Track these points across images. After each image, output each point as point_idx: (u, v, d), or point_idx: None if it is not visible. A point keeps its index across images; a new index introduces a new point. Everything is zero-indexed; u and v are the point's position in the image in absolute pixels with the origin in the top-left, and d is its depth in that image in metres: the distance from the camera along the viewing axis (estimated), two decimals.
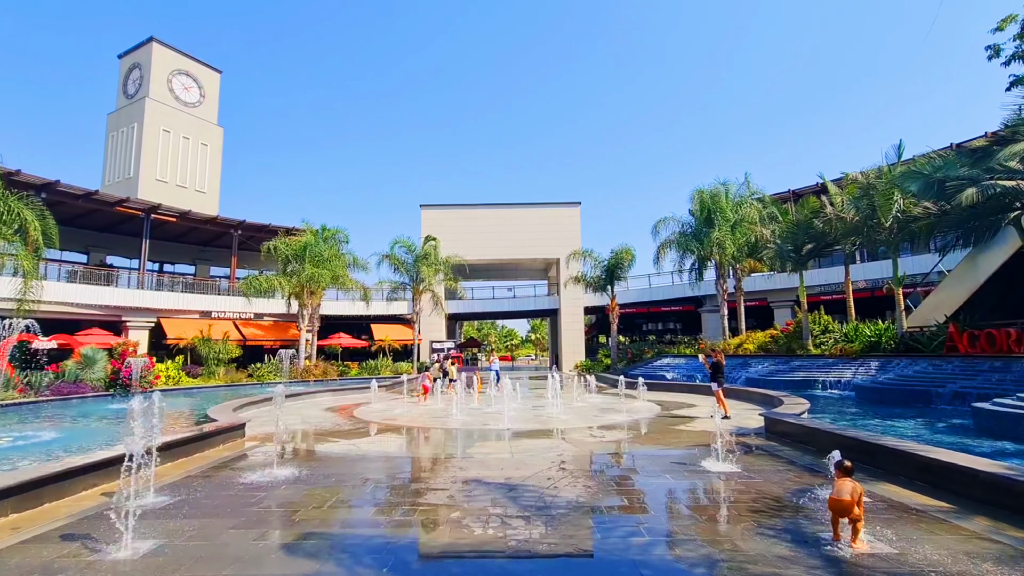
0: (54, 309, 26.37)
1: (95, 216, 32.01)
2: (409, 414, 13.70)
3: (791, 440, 8.69)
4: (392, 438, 10.19)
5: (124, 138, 43.95)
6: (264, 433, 10.55)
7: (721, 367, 11.99)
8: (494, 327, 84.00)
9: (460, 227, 39.93)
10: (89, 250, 34.77)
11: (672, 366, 25.07)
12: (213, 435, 8.98)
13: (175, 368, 22.59)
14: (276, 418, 12.71)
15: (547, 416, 12.94)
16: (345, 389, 20.11)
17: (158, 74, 44.11)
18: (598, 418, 12.43)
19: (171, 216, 32.18)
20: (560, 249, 39.63)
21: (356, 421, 12.45)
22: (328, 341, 35.54)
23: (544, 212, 41.09)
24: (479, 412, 13.92)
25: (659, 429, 10.52)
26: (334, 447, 9.02)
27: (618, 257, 28.94)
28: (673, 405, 14.97)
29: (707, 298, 36.48)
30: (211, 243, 38.64)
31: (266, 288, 26.41)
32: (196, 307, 32.08)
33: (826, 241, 21.85)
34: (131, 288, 30.09)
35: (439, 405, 15.67)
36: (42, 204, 26.39)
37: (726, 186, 26.37)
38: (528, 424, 11.59)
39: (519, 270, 48.52)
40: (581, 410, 14.16)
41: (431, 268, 31.46)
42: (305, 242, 27.97)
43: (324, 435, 10.39)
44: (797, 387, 18.19)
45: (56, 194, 27.26)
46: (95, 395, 17.33)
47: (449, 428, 11.12)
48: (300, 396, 17.54)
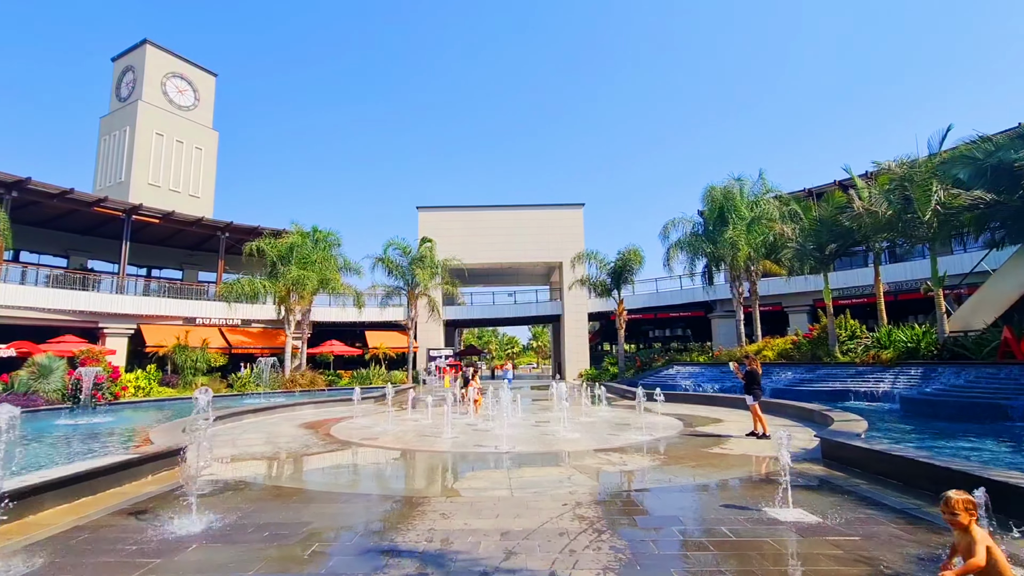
0: (24, 315, 24.72)
1: (74, 218, 30.43)
2: (393, 432, 11.91)
3: (861, 470, 6.91)
4: (366, 466, 8.42)
5: (116, 142, 42.74)
6: (214, 458, 8.78)
7: (757, 377, 10.22)
8: (495, 335, 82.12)
9: (459, 230, 38.27)
10: (69, 254, 33.16)
11: (685, 375, 23.26)
12: (139, 464, 7.24)
13: (145, 378, 20.82)
14: (234, 439, 11.01)
15: (553, 435, 11.15)
16: (330, 401, 18.34)
17: (152, 77, 43.05)
18: (613, 437, 10.63)
19: (153, 217, 30.56)
20: (563, 252, 37.95)
21: (330, 441, 10.66)
22: (320, 349, 33.78)
23: (546, 214, 39.44)
24: (474, 430, 12.13)
25: (691, 453, 8.72)
26: (288, 480, 7.25)
27: (625, 259, 27.21)
28: (696, 420, 13.16)
29: (718, 303, 34.71)
30: (199, 247, 37.02)
31: (248, 292, 24.68)
32: (179, 313, 30.36)
33: (853, 239, 20.14)
34: (109, 293, 28.40)
35: (428, 420, 13.88)
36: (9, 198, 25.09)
37: (741, 182, 24.70)
38: (531, 445, 9.80)
39: (520, 275, 46.81)
40: (591, 427, 12.36)
41: (426, 271, 29.75)
42: (292, 243, 26.30)
43: (283, 462, 8.61)
44: (829, 398, 16.40)
45: (29, 193, 25.69)
46: (49, 408, 15.56)
47: (436, 451, 9.34)
48: (276, 409, 15.75)
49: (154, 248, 36.44)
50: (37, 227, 31.32)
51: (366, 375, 28.92)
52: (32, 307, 25.00)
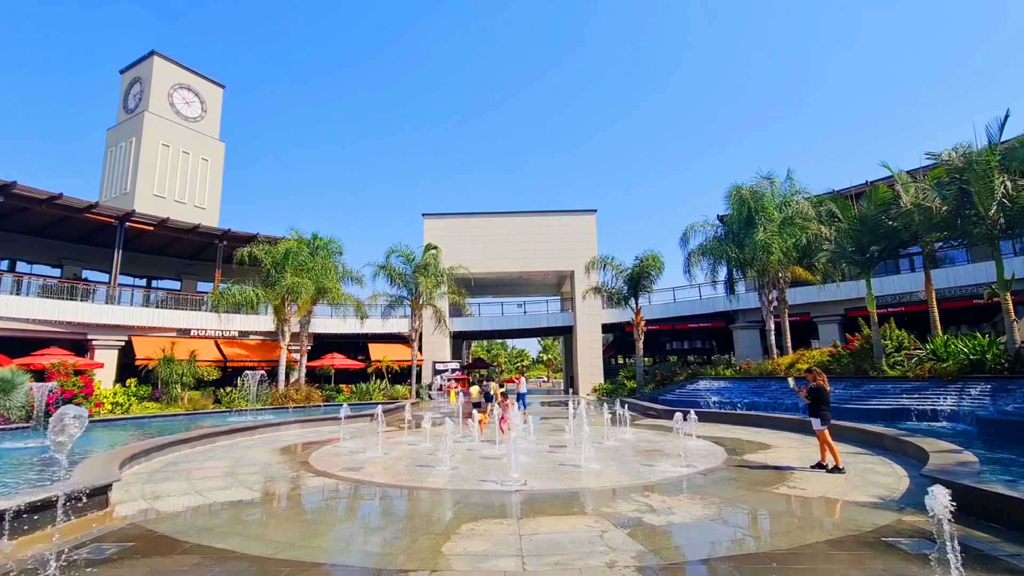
0: (6, 325, 23.38)
1: (67, 225, 29.27)
2: (383, 460, 10.11)
3: (1003, 527, 5.00)
4: (334, 512, 6.62)
5: (122, 153, 42.19)
6: (151, 496, 7.08)
7: (826, 395, 8.32)
8: (504, 347, 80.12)
9: (466, 237, 36.71)
10: (62, 263, 32.00)
11: (712, 390, 21.23)
12: (37, 510, 5.51)
13: (124, 394, 19.22)
14: (192, 468, 9.27)
15: (572, 465, 9.29)
16: (321, 420, 16.60)
17: (158, 88, 42.63)
18: (647, 469, 8.75)
19: (148, 224, 29.33)
20: (574, 261, 36.17)
21: (303, 472, 8.88)
22: (321, 362, 32.14)
23: (557, 220, 37.77)
24: (478, 457, 10.30)
25: (752, 495, 6.83)
26: (221, 536, 5.45)
27: (644, 265, 25.35)
28: (738, 445, 11.22)
29: (740, 313, 32.68)
30: (197, 256, 35.78)
31: (240, 300, 23.12)
32: (172, 324, 28.93)
33: (900, 239, 18.16)
34: (98, 303, 27.05)
35: (426, 443, 12.06)
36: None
37: (771, 180, 22.83)
38: (548, 480, 7.96)
39: (530, 285, 45.08)
40: (617, 454, 10.48)
41: (431, 279, 28.10)
42: (287, 248, 24.78)
43: (232, 504, 6.84)
44: (884, 417, 14.42)
45: (16, 198, 24.52)
46: (7, 428, 13.95)
47: (429, 489, 7.52)
48: (258, 430, 14.02)
49: (152, 258, 35.28)
50: (29, 235, 30.26)
51: (366, 390, 27.17)
52: (14, 317, 23.68)
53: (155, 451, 10.24)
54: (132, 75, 44.53)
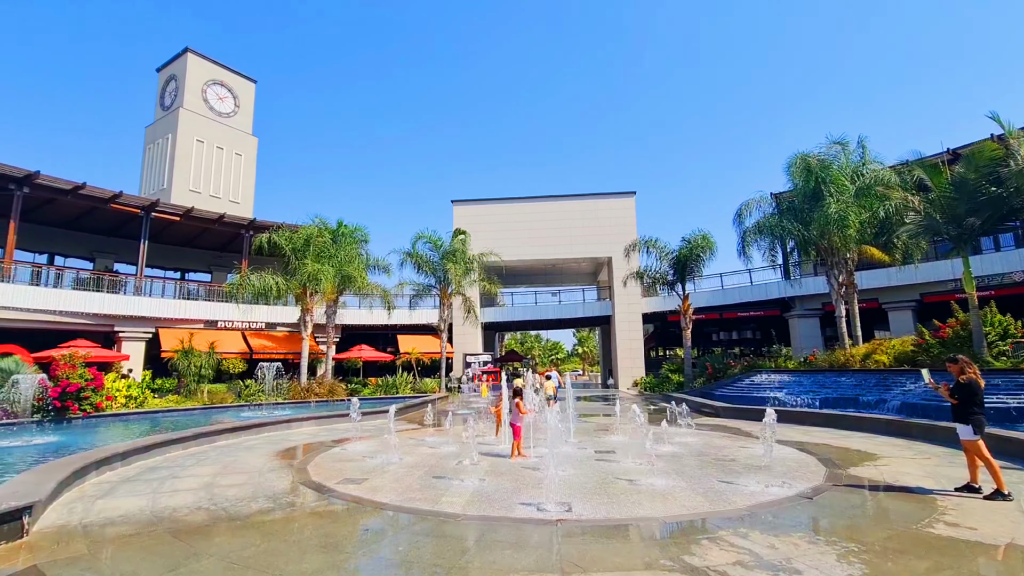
0: (34, 317, 23.07)
1: (96, 217, 29.04)
2: (395, 468, 8.43)
3: None
4: (312, 551, 4.88)
5: (159, 150, 42.48)
6: (93, 520, 5.56)
7: (979, 394, 6.11)
8: (538, 339, 78.19)
9: (496, 224, 34.91)
10: (94, 256, 31.96)
11: (773, 385, 18.79)
12: None
13: (138, 387, 18.33)
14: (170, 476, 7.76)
15: (627, 479, 7.35)
16: (337, 416, 15.13)
17: (192, 85, 42.62)
18: (727, 487, 6.72)
19: (173, 214, 28.80)
20: (612, 246, 33.87)
21: (297, 485, 7.26)
22: (348, 354, 31.09)
23: (592, 205, 35.49)
24: (509, 467, 8.47)
25: (902, 541, 4.74)
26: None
27: (692, 246, 22.92)
28: (833, 453, 9.02)
29: (797, 300, 29.77)
30: (226, 248, 35.31)
31: (260, 289, 22.01)
32: (199, 316, 28.35)
33: (1009, 207, 15.28)
34: (127, 295, 26.63)
35: (450, 448, 10.33)
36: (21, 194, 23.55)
37: (843, 145, 20.01)
38: (599, 504, 6.06)
39: (565, 274, 42.98)
40: (680, 464, 8.46)
41: (460, 266, 26.43)
42: (308, 235, 23.54)
43: (190, 533, 5.22)
44: (1000, 419, 11.83)
45: (41, 189, 24.19)
46: (8, 423, 13.02)
47: (442, 515, 5.72)
48: (266, 427, 12.64)
49: (182, 250, 35.04)
50: (63, 229, 30.27)
51: (392, 383, 25.81)
52: (43, 309, 23.35)
53: (136, 453, 8.86)
54: (168, 73, 44.79)
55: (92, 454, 7.96)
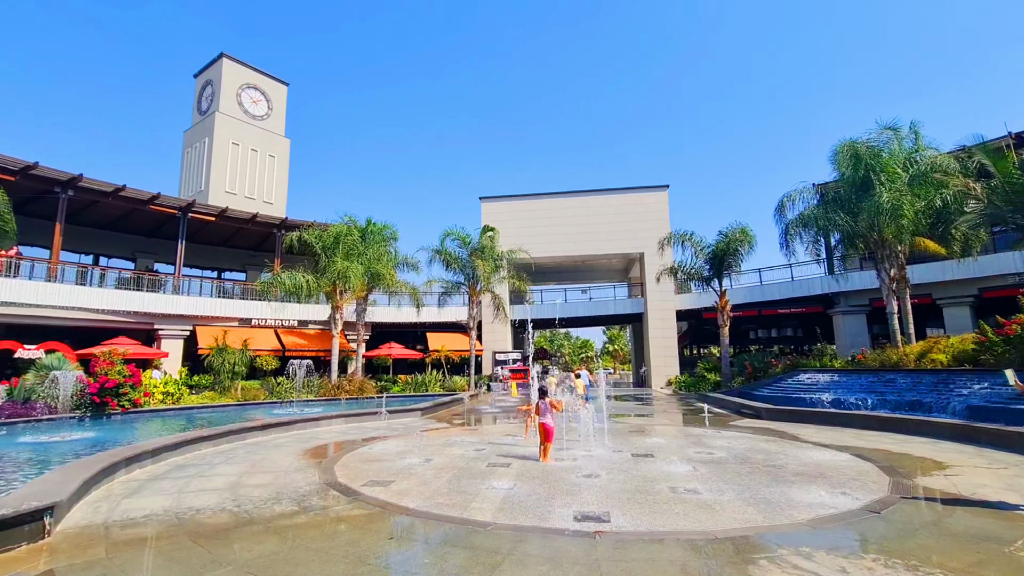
0: (77, 315, 23.88)
1: (137, 219, 29.94)
2: (422, 471, 8.13)
3: None
4: (327, 560, 4.59)
5: (197, 153, 43.65)
6: (115, 521, 5.43)
7: None
8: (568, 337, 77.43)
9: (525, 221, 34.48)
10: (136, 256, 33.01)
11: (820, 385, 17.79)
12: None
13: (175, 383, 18.68)
14: (197, 475, 7.65)
15: (669, 487, 6.83)
16: (366, 414, 15.04)
17: (227, 89, 43.60)
18: (781, 497, 6.14)
19: (208, 215, 29.47)
20: (644, 242, 33.03)
21: (322, 487, 7.04)
22: (378, 352, 31.23)
23: (624, 199, 34.63)
24: (541, 470, 8.05)
25: (995, 570, 4.13)
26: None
27: (729, 240, 21.98)
28: (897, 461, 8.26)
29: (842, 296, 28.30)
30: (259, 247, 36.02)
31: (291, 287, 22.21)
32: (234, 314, 28.90)
33: None
34: (166, 294, 27.35)
35: (482, 448, 9.96)
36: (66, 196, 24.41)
37: (895, 131, 18.78)
38: (640, 514, 5.58)
39: (595, 270, 42.24)
40: (725, 469, 7.87)
41: (488, 263, 26.13)
42: (337, 232, 23.63)
43: (208, 537, 5.02)
44: None
45: (84, 191, 25.02)
46: (51, 418, 13.36)
47: (470, 523, 5.36)
48: (295, 425, 12.59)
49: (218, 249, 35.90)
50: (105, 230, 31.33)
51: (422, 381, 25.72)
52: (87, 308, 24.15)
53: (166, 451, 8.84)
54: (204, 78, 45.93)
55: (121, 451, 7.94)
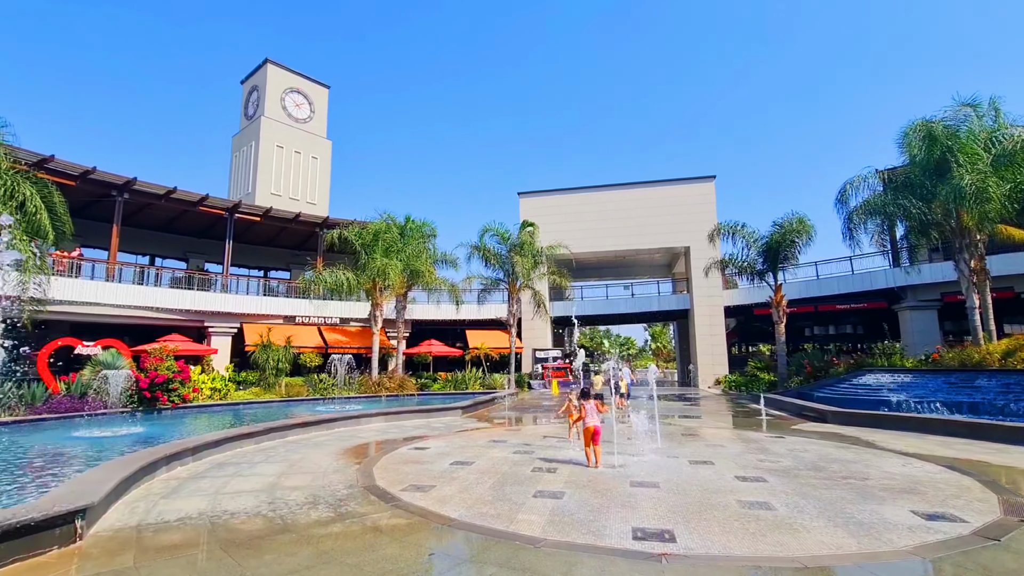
0: (133, 314, 24.86)
1: (188, 220, 31.01)
2: (463, 474, 7.68)
3: None
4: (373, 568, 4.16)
5: (244, 157, 45.11)
6: (149, 524, 5.21)
7: None
8: (608, 335, 76.01)
9: (564, 216, 33.80)
10: (187, 256, 34.25)
11: (888, 386, 16.37)
12: None
13: (221, 379, 19.06)
14: (235, 474, 7.46)
15: (737, 500, 6.12)
16: (406, 412, 14.81)
17: (272, 93, 44.79)
18: (872, 516, 5.34)
19: (253, 215, 30.19)
20: (690, 235, 31.76)
21: (361, 487, 6.70)
22: (418, 349, 31.25)
23: (667, 192, 33.39)
24: (589, 478, 7.46)
25: None
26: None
27: (785, 231, 20.63)
28: (998, 474, 7.24)
29: (910, 289, 26.28)
30: (302, 246, 36.71)
31: (332, 285, 22.37)
32: (279, 312, 29.52)
33: None
34: (214, 292, 28.19)
35: (523, 450, 9.45)
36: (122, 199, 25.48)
37: (975, 107, 17.07)
38: (710, 533, 4.93)
39: (636, 266, 41.04)
40: (796, 479, 7.06)
41: (527, 259, 25.62)
42: (376, 230, 23.65)
43: (239, 545, 4.70)
44: None
45: (138, 194, 26.00)
46: (105, 413, 13.73)
47: (517, 538, 4.84)
48: (337, 423, 12.45)
49: (263, 249, 36.88)
50: (158, 231, 32.63)
51: (462, 378, 25.48)
52: (143, 306, 25.11)
53: (207, 448, 8.76)
54: (250, 84, 47.31)
55: (163, 449, 7.86)
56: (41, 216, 13.44)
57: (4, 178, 13.02)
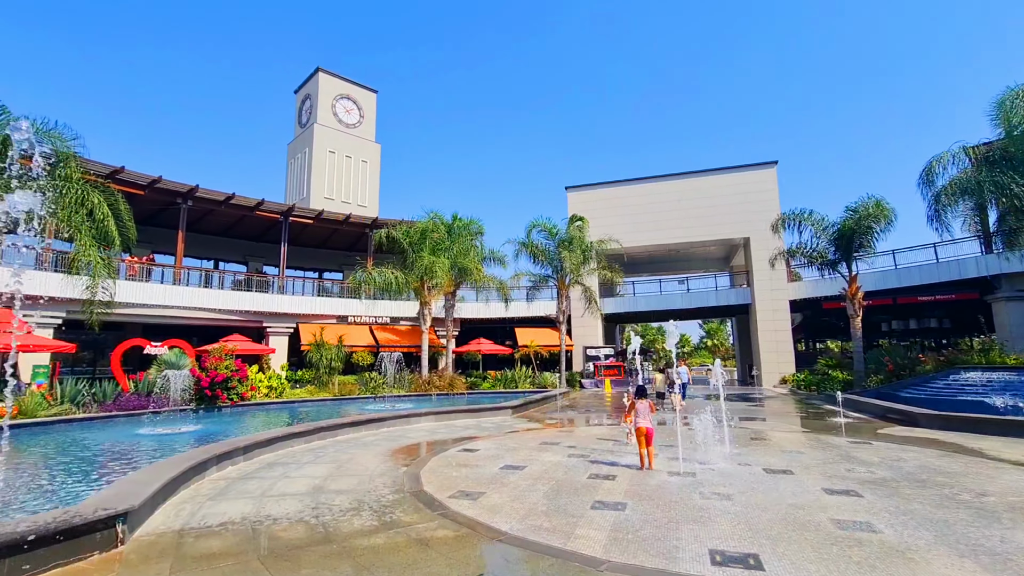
0: (198, 315, 26.03)
1: (247, 225, 32.28)
2: (515, 480, 7.18)
3: None
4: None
5: (299, 164, 46.80)
6: (191, 529, 5.03)
7: None
8: (660, 332, 73.59)
9: (614, 209, 32.76)
10: (247, 260, 35.71)
11: (990, 386, 14.56)
12: None
13: (277, 378, 19.49)
14: (282, 476, 7.28)
15: (828, 516, 5.30)
16: (456, 411, 14.51)
17: (324, 101, 46.19)
18: (1009, 544, 4.41)
19: (306, 218, 31.00)
20: (750, 225, 29.99)
21: (409, 492, 6.34)
22: (467, 347, 31.14)
23: (725, 180, 31.65)
24: (651, 487, 6.78)
25: None
26: None
27: (860, 217, 18.87)
28: None
29: (1006, 278, 23.58)
30: (353, 247, 37.48)
31: (381, 284, 22.52)
32: (332, 312, 30.19)
33: None
34: (272, 294, 29.15)
35: (577, 454, 8.83)
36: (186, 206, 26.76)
37: None
38: (801, 563, 4.18)
39: (690, 260, 39.32)
40: (897, 492, 6.09)
41: (576, 254, 24.89)
42: (423, 228, 23.61)
43: (283, 555, 4.40)
44: None
45: (201, 201, 27.22)
46: (169, 410, 14.23)
47: (576, 558, 4.29)
48: (386, 422, 12.28)
49: (317, 251, 37.96)
50: (220, 236, 34.18)
51: (511, 377, 25.08)
52: (205, 308, 26.25)
53: (258, 447, 8.70)
54: (303, 93, 48.98)
55: (214, 448, 7.82)
56: (108, 223, 14.03)
57: (75, 187, 13.65)
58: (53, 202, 13.24)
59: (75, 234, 13.74)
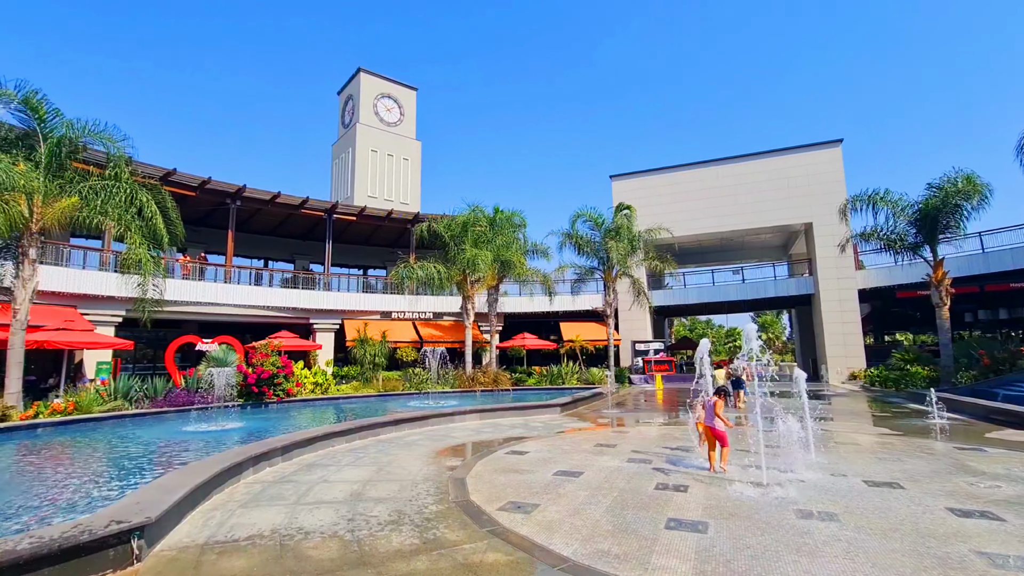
0: (247, 312, 26.55)
1: (293, 223, 32.78)
2: (571, 489, 6.38)
3: None
4: None
5: (343, 163, 47.49)
6: (216, 542, 4.51)
7: None
8: (709, 325, 70.76)
9: (662, 197, 31.27)
10: (294, 258, 36.38)
11: None
12: None
13: (322, 374, 19.42)
14: (321, 479, 6.76)
15: (971, 549, 4.22)
16: (501, 409, 13.82)
17: (365, 100, 46.61)
18: None
19: (349, 215, 31.16)
20: (812, 209, 27.92)
21: (453, 502, 5.66)
22: (511, 342, 30.49)
23: (784, 162, 29.55)
24: (735, 503, 5.83)
25: None
26: None
27: (947, 194, 16.86)
28: None
29: None
30: (395, 243, 37.55)
31: (423, 278, 22.14)
32: (376, 308, 30.23)
33: None
34: (318, 291, 29.46)
35: (639, 459, 7.93)
36: (235, 206, 27.32)
37: None
38: None
39: (744, 249, 37.21)
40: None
41: (623, 244, 23.73)
42: (464, 220, 23.05)
43: None
44: None
45: (248, 200, 27.70)
46: (218, 406, 14.24)
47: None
48: (429, 420, 11.73)
49: (361, 248, 38.30)
50: (269, 235, 34.95)
51: (558, 373, 24.24)
52: (256, 305, 26.76)
53: (297, 447, 8.27)
54: (346, 94, 49.56)
55: (250, 449, 7.42)
56: (156, 220, 14.14)
57: (125, 186, 13.81)
58: (104, 201, 13.38)
59: (125, 232, 13.91)
